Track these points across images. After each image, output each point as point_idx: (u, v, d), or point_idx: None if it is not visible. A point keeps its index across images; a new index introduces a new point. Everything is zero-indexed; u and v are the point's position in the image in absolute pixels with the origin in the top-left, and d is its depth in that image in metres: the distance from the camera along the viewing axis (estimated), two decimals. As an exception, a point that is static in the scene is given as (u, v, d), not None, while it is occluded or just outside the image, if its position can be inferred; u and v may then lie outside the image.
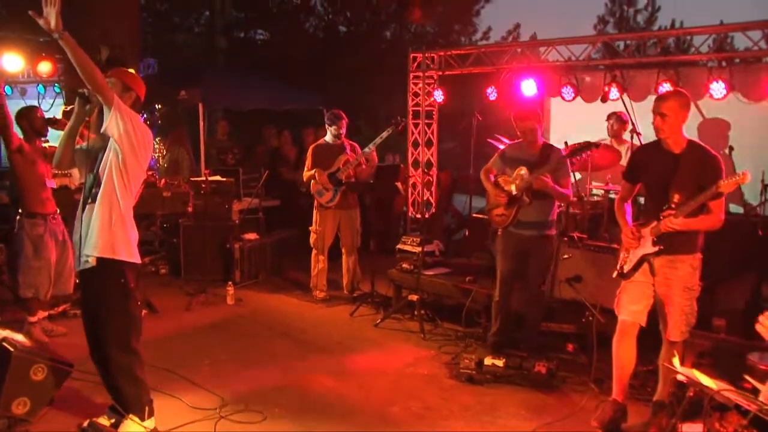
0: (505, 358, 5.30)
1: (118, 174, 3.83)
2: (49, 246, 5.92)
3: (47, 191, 6.00)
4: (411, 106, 9.98)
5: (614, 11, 24.85)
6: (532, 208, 5.44)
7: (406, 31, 21.28)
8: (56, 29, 3.43)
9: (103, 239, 3.82)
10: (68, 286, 6.21)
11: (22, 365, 4.20)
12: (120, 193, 3.86)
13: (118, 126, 3.76)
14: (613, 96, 7.90)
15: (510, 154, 5.70)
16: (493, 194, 5.67)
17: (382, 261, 7.44)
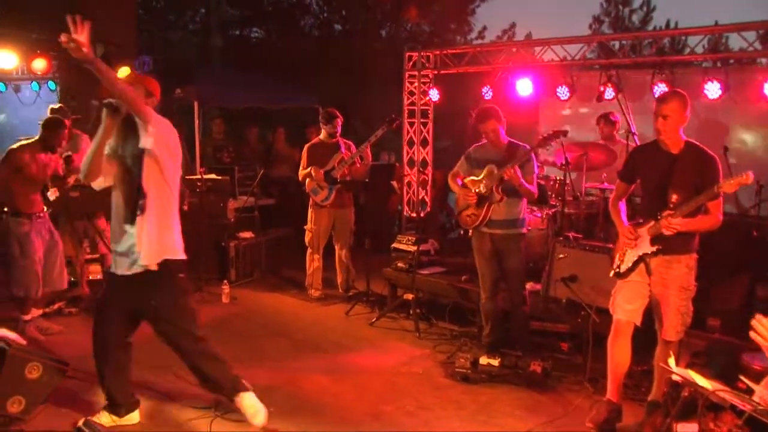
0: (501, 357, 5.32)
1: (161, 181, 3.96)
2: (35, 244, 5.93)
3: (36, 192, 6.00)
4: (406, 105, 9.96)
5: (609, 11, 24.89)
6: (502, 207, 5.46)
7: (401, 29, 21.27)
8: (88, 56, 3.47)
9: (161, 244, 3.99)
10: (60, 282, 6.23)
11: (16, 364, 4.20)
12: (165, 197, 4.00)
13: (157, 139, 3.86)
14: (608, 96, 7.91)
15: (475, 155, 5.72)
16: (462, 196, 5.67)
17: (377, 260, 7.43)
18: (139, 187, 3.92)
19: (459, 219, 5.77)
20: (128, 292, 4.08)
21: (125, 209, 4.00)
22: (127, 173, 4.00)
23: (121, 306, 4.15)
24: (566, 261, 5.82)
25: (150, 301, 4.08)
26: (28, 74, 10.43)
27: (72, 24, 3.41)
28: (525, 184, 5.31)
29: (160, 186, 3.97)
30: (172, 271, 4.07)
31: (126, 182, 4.01)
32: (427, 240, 7.55)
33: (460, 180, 5.70)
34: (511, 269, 5.59)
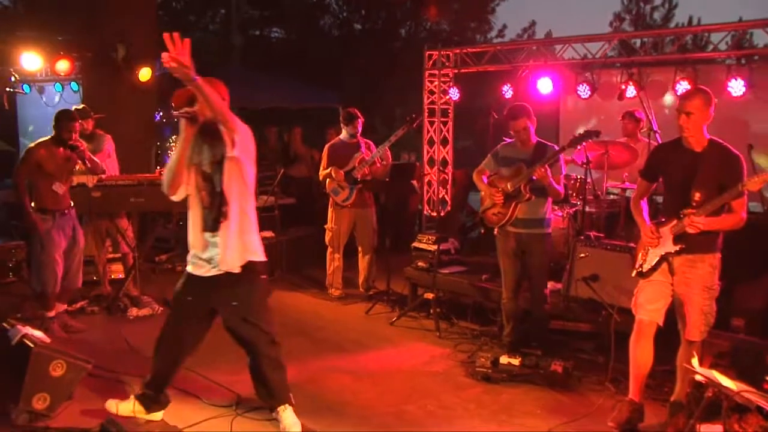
0: (521, 356, 5.29)
1: (243, 185, 3.96)
2: (55, 241, 6.00)
3: (61, 188, 6.06)
4: (426, 104, 9.95)
5: (630, 8, 24.72)
6: (529, 206, 5.43)
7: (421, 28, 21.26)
8: (190, 75, 3.43)
9: (244, 247, 4.00)
10: (75, 281, 6.28)
11: (41, 361, 4.26)
12: (246, 200, 4.01)
13: (241, 145, 3.85)
14: (630, 94, 7.85)
15: (503, 153, 5.69)
16: (488, 194, 5.63)
17: (398, 259, 7.43)
18: (221, 193, 3.93)
19: (484, 217, 5.73)
20: (209, 293, 4.09)
21: (208, 216, 3.99)
22: (206, 181, 3.98)
23: (199, 306, 4.17)
24: (587, 260, 5.78)
25: (231, 302, 4.09)
26: (51, 76, 10.55)
27: (170, 43, 3.34)
28: (554, 183, 5.28)
29: (241, 190, 3.96)
30: (254, 272, 4.08)
31: (206, 190, 3.99)
32: (448, 239, 7.53)
33: (486, 177, 5.68)
34: (534, 269, 5.57)
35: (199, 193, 4.00)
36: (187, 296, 4.17)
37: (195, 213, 4.04)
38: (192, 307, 4.18)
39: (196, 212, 4.03)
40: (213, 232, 3.97)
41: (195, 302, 4.16)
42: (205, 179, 3.98)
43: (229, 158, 3.86)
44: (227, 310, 4.14)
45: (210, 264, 4.01)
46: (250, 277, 4.06)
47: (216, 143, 3.89)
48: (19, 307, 6.70)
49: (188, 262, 4.13)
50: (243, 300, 4.10)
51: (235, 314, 4.12)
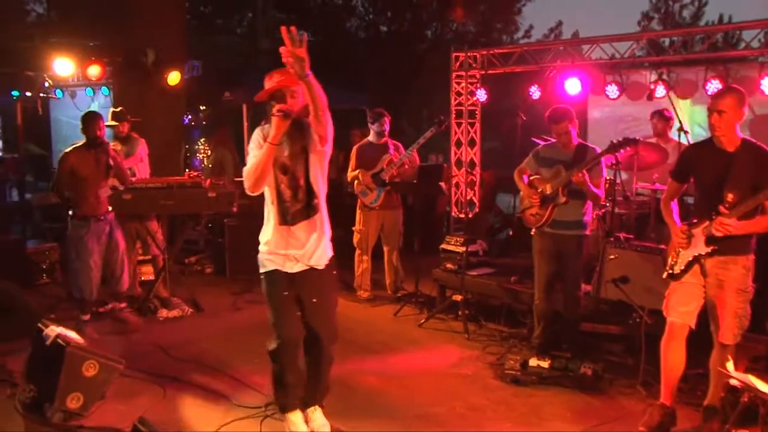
0: (551, 359, 5.25)
1: (324, 177, 3.95)
2: (88, 248, 6.09)
3: (97, 193, 6.14)
4: (454, 105, 9.95)
5: (659, 7, 24.50)
6: (568, 208, 5.39)
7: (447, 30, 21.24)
8: (306, 71, 3.36)
9: (326, 247, 4.03)
10: (120, 284, 6.36)
11: (75, 361, 4.30)
12: (324, 194, 3.98)
13: (329, 140, 3.81)
14: (659, 94, 7.78)
15: (544, 154, 5.66)
16: (527, 194, 5.62)
17: (426, 261, 7.42)
18: (309, 187, 3.86)
19: (523, 217, 5.73)
20: (292, 288, 4.00)
21: (290, 210, 3.86)
22: (286, 174, 3.86)
23: (293, 297, 4.04)
24: (617, 262, 5.73)
25: (312, 298, 4.03)
26: (83, 81, 10.70)
27: (288, 37, 3.25)
28: (592, 188, 5.24)
29: (324, 182, 3.95)
30: (333, 267, 4.11)
31: (286, 183, 3.86)
32: (476, 241, 7.51)
33: (527, 177, 5.67)
34: (569, 271, 5.53)
35: (279, 186, 3.87)
36: (283, 291, 4.00)
37: (273, 208, 3.92)
38: (291, 301, 4.03)
39: (274, 208, 3.91)
40: (297, 226, 3.88)
41: (291, 295, 4.02)
42: (284, 172, 3.86)
43: (318, 152, 3.84)
44: (307, 306, 4.05)
45: (295, 259, 3.93)
46: (330, 272, 4.09)
47: (300, 136, 3.83)
48: (53, 307, 6.79)
49: (265, 261, 4.01)
50: (324, 296, 4.09)
51: (314, 309, 4.05)
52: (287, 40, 3.25)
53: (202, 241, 9.53)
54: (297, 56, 3.29)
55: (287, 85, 3.73)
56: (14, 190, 11.80)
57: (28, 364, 4.69)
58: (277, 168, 3.84)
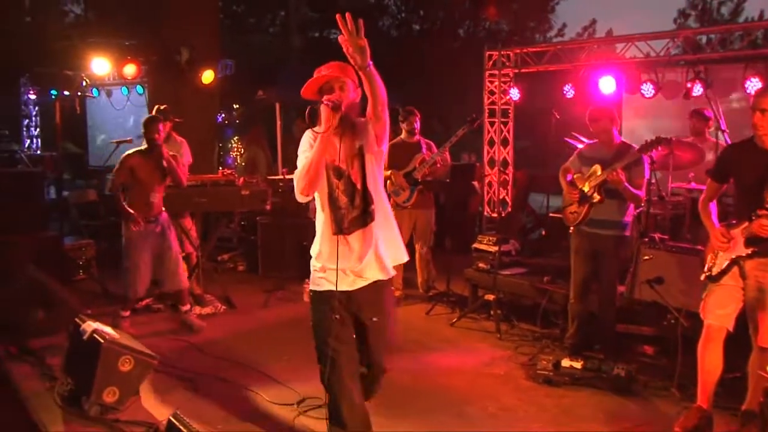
0: (583, 360, 5.21)
1: (381, 179, 3.55)
2: (138, 248, 6.17)
3: (152, 194, 6.23)
4: (487, 104, 9.92)
5: (696, 4, 24.12)
6: (606, 207, 5.35)
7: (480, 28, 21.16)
8: (366, 60, 3.05)
9: (392, 253, 3.61)
10: (174, 282, 6.43)
11: (110, 356, 4.38)
12: (385, 197, 3.59)
13: (385, 139, 3.46)
14: (696, 92, 7.68)
15: (587, 153, 5.64)
16: (567, 192, 5.62)
17: (458, 260, 7.41)
18: (365, 191, 3.45)
19: (564, 215, 5.72)
20: (348, 308, 3.54)
21: (346, 218, 3.45)
22: (347, 181, 3.47)
23: (344, 325, 3.54)
24: (652, 262, 5.66)
25: (372, 316, 3.57)
26: (118, 79, 10.86)
27: (344, 25, 2.94)
28: (629, 187, 5.18)
29: (382, 185, 3.55)
30: (390, 283, 3.66)
31: (345, 190, 3.47)
32: (508, 240, 7.48)
33: (570, 176, 5.64)
34: (605, 271, 5.49)
35: (333, 192, 3.48)
36: (334, 315, 3.50)
37: (326, 216, 3.50)
38: (343, 326, 3.54)
39: (327, 215, 3.50)
40: (353, 235, 3.46)
41: (344, 320, 3.54)
42: (339, 176, 3.47)
43: (375, 152, 3.45)
44: (367, 326, 3.60)
45: (353, 273, 3.49)
46: (389, 288, 3.66)
47: (354, 136, 3.45)
48: (89, 303, 6.89)
49: (317, 278, 3.56)
50: (384, 314, 3.63)
51: (373, 331, 3.61)
52: (344, 29, 2.96)
53: (235, 239, 9.62)
54: (357, 45, 2.98)
55: (336, 77, 3.44)
56: (52, 188, 11.99)
57: (66, 358, 4.79)
58: (331, 172, 3.47)
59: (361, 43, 2.97)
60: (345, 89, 3.45)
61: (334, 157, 3.45)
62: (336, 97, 3.33)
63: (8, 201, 7.57)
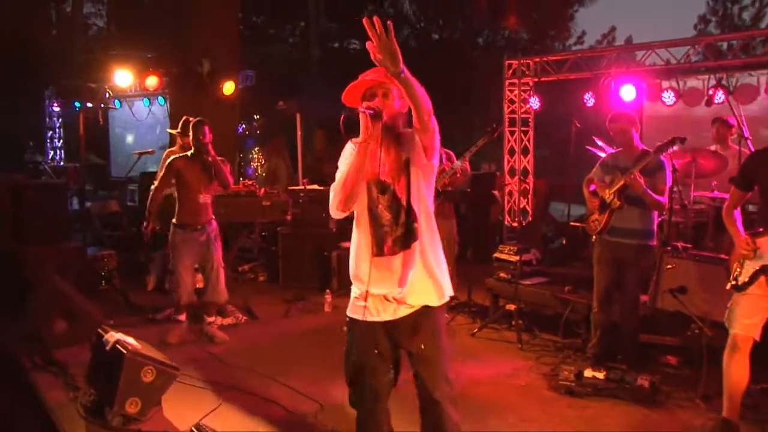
0: (606, 370, 5.16)
1: (429, 197, 3.21)
2: (180, 253, 6.26)
3: (200, 196, 6.31)
4: (507, 113, 9.90)
5: (717, 9, 23.90)
6: (628, 216, 5.31)
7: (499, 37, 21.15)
8: (399, 66, 2.76)
9: (438, 281, 3.19)
10: (216, 294, 6.48)
11: (133, 367, 4.39)
12: (432, 218, 3.23)
13: (434, 151, 3.13)
14: (718, 99, 7.61)
15: (609, 162, 5.62)
16: (589, 201, 5.62)
17: (479, 270, 7.39)
18: (408, 207, 3.12)
19: (586, 225, 5.70)
20: (390, 339, 3.23)
21: (388, 237, 3.14)
22: (391, 196, 3.15)
23: (382, 359, 3.26)
24: (674, 271, 5.61)
25: (419, 344, 3.18)
26: (140, 91, 10.98)
27: (371, 30, 2.67)
28: (650, 192, 5.14)
29: (430, 204, 3.21)
30: (443, 309, 3.27)
31: (386, 204, 3.15)
32: (530, 250, 7.44)
33: (593, 186, 5.62)
34: (627, 280, 5.44)
35: (374, 208, 3.18)
36: (372, 348, 3.23)
37: (364, 235, 3.20)
38: (384, 361, 3.27)
39: (366, 234, 3.19)
40: (396, 256, 3.14)
41: (383, 353, 3.25)
42: (383, 191, 3.16)
43: (423, 166, 3.14)
44: (415, 356, 3.23)
45: (395, 300, 3.16)
46: (441, 314, 3.25)
47: (401, 149, 3.15)
48: (111, 313, 6.93)
49: (356, 305, 3.26)
50: (435, 341, 3.22)
51: (423, 360, 3.22)
52: (372, 33, 2.68)
53: (255, 249, 9.65)
54: (388, 50, 2.70)
55: (380, 82, 3.12)
56: (74, 199, 12.12)
57: (89, 368, 4.82)
58: (374, 186, 3.17)
59: (392, 47, 2.69)
60: (389, 96, 3.15)
61: (377, 170, 3.14)
62: (376, 104, 3.05)
63: (32, 212, 7.67)
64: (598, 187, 5.52)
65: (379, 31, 2.66)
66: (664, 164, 5.27)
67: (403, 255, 3.13)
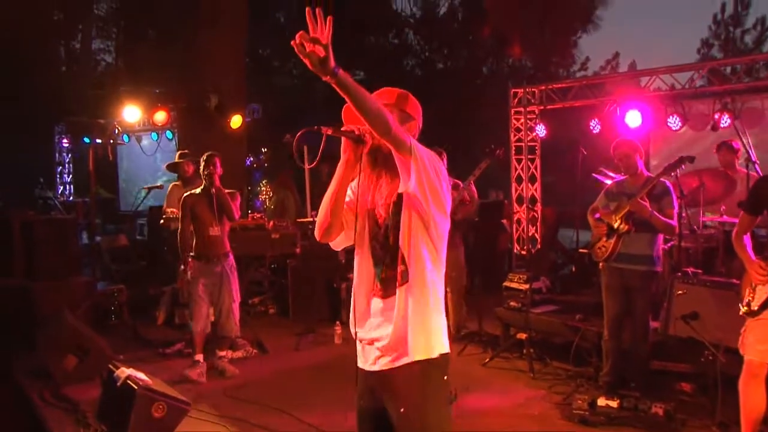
0: (619, 398, 5.12)
1: (427, 239, 2.72)
2: (196, 286, 6.29)
3: (211, 234, 6.36)
4: (513, 141, 9.93)
5: (719, 33, 23.95)
6: (635, 241, 5.31)
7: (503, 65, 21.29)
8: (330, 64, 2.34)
9: (426, 335, 2.73)
10: (227, 328, 6.46)
11: (144, 402, 4.40)
12: (436, 262, 2.77)
13: (422, 178, 2.62)
14: (724, 123, 7.62)
15: (614, 189, 5.64)
16: (595, 228, 5.61)
17: (489, 299, 7.37)
18: (396, 246, 2.74)
19: (592, 252, 5.68)
20: (375, 395, 2.84)
21: (377, 278, 2.80)
22: (377, 227, 2.82)
23: (365, 417, 2.92)
24: (686, 297, 5.57)
25: (399, 407, 2.73)
26: (148, 125, 11.08)
27: (312, 20, 2.28)
28: (658, 215, 5.15)
29: (428, 248, 2.72)
30: (438, 369, 2.76)
31: (376, 240, 2.82)
32: (539, 278, 7.42)
33: (598, 214, 5.63)
34: (636, 307, 5.42)
35: (370, 243, 2.85)
36: (359, 401, 2.92)
37: (361, 271, 2.86)
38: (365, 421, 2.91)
39: (362, 270, 2.86)
40: (383, 300, 2.78)
41: (367, 409, 2.88)
42: (375, 225, 2.83)
43: (409, 195, 2.67)
44: (394, 417, 2.74)
45: (377, 349, 2.77)
46: (431, 375, 2.75)
47: (392, 177, 2.73)
48: (121, 348, 6.93)
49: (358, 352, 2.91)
50: (413, 408, 2.71)
51: (401, 424, 2.72)
52: (311, 22, 2.29)
53: (265, 282, 9.65)
54: (317, 43, 2.29)
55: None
56: (84, 233, 12.18)
57: (99, 404, 4.81)
58: (372, 220, 2.83)
59: (322, 40, 2.29)
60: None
61: (375, 202, 2.82)
62: (357, 128, 2.68)
63: (43, 248, 7.72)
64: (604, 215, 5.52)
65: (320, 22, 2.28)
66: (669, 189, 5.29)
67: (389, 300, 2.75)
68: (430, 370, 2.73)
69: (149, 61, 11.00)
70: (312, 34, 2.28)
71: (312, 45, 2.29)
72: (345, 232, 2.89)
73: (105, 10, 19.47)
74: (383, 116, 2.48)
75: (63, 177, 15.94)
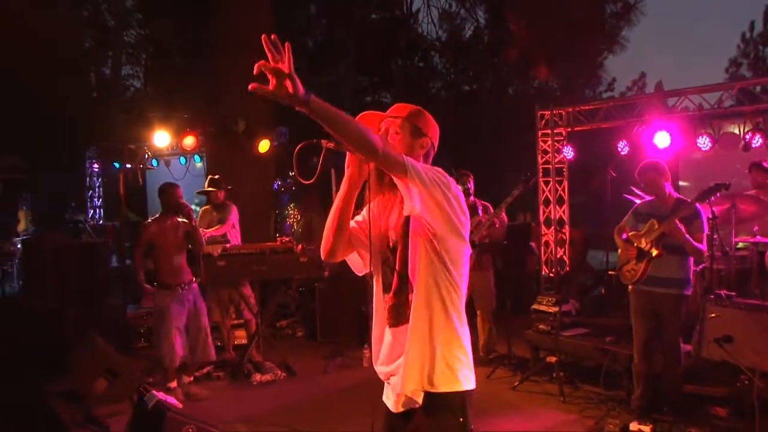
0: (652, 423, 5.07)
1: (438, 264, 2.53)
2: (172, 314, 6.30)
3: (178, 262, 6.42)
4: (541, 163, 9.89)
5: (748, 52, 23.73)
6: (665, 264, 5.25)
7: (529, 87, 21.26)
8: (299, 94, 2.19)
9: (429, 368, 2.53)
10: (207, 353, 6.52)
11: (174, 426, 4.41)
12: (451, 290, 2.57)
13: (425, 197, 2.43)
14: (755, 144, 7.53)
15: (642, 210, 5.59)
16: (623, 250, 5.55)
17: (518, 321, 7.31)
18: (404, 272, 2.58)
19: (620, 273, 5.62)
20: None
21: (396, 307, 2.62)
22: (388, 251, 2.67)
23: None
24: (719, 320, 5.47)
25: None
26: (176, 150, 11.20)
27: (270, 48, 2.12)
28: (690, 240, 5.10)
29: (434, 271, 2.52)
30: (449, 407, 2.58)
31: (387, 265, 2.68)
32: (568, 300, 7.37)
33: (625, 234, 5.58)
34: (667, 330, 5.36)
35: (382, 268, 2.71)
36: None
37: (377, 299, 2.72)
38: None
39: (377, 298, 2.72)
40: (394, 329, 2.62)
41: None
42: (387, 250, 2.68)
43: (415, 220, 2.51)
44: None
45: (393, 386, 2.64)
46: (441, 412, 2.56)
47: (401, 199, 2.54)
48: (151, 371, 6.96)
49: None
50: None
51: None
52: (269, 52, 2.14)
53: (293, 305, 9.67)
54: (280, 73, 2.14)
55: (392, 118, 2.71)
56: (114, 257, 12.30)
57: (129, 427, 4.83)
58: (384, 243, 2.69)
59: (283, 69, 2.14)
60: (402, 134, 2.66)
61: (387, 226, 2.70)
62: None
63: (74, 272, 7.82)
64: (633, 236, 5.47)
65: (280, 50, 2.13)
66: (700, 212, 5.24)
67: (398, 329, 2.59)
68: (440, 408, 2.55)
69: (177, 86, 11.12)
70: (273, 65, 2.13)
71: (275, 78, 2.14)
72: (363, 255, 2.71)
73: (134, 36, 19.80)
74: (366, 137, 2.31)
75: (93, 201, 16.14)
